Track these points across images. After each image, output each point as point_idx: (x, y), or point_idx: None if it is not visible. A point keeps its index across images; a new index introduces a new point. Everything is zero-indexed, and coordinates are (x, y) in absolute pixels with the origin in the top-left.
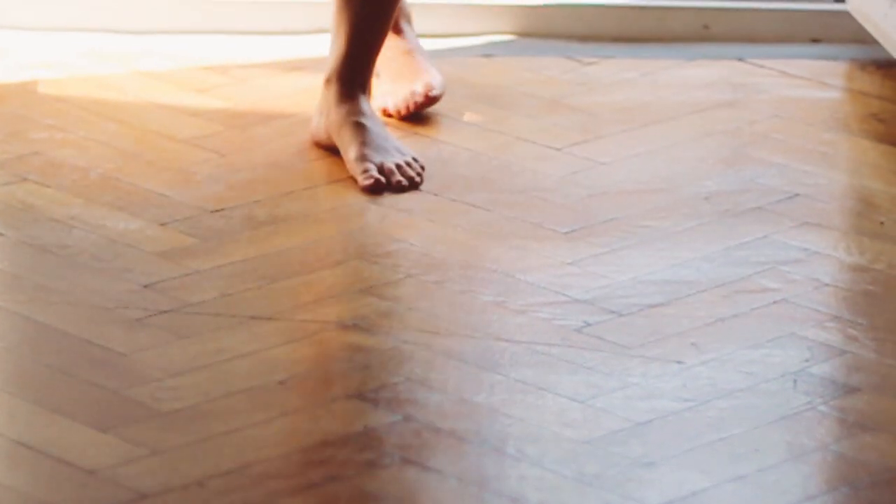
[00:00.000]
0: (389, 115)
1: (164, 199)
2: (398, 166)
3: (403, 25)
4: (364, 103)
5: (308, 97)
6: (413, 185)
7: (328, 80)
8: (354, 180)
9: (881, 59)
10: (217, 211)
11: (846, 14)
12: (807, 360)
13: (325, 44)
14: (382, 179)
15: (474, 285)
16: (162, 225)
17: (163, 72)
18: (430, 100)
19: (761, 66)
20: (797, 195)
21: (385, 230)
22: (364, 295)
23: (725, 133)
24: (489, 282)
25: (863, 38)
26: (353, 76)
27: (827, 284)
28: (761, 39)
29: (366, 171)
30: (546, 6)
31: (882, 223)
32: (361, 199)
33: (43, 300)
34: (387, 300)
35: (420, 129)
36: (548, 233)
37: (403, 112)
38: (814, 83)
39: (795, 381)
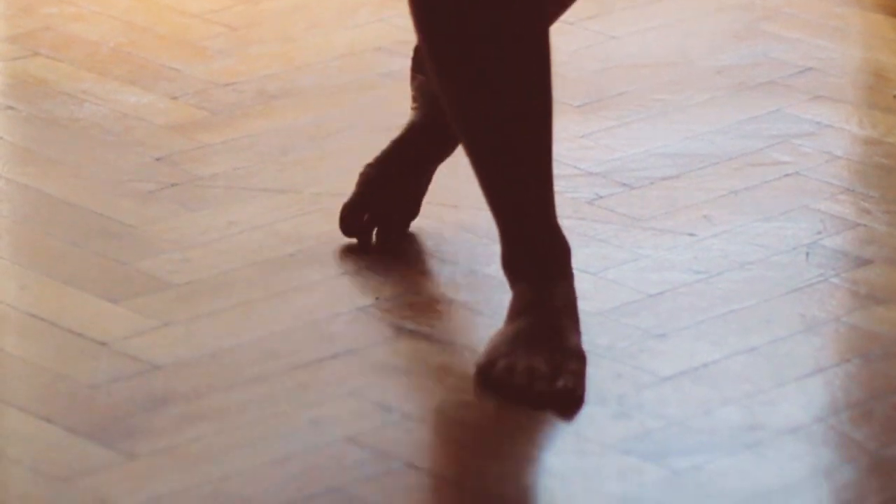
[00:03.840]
0: None
1: (175, 72)
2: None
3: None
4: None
5: None
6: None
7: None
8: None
9: None
10: (229, 85)
11: None
12: (819, 233)
13: None
14: None
15: None
16: (173, 99)
17: None
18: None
19: None
20: (810, 69)
21: (398, 105)
22: None
23: (738, 7)
24: None
25: None
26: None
27: (839, 157)
28: None
29: None
30: None
31: (894, 96)
32: (374, 74)
33: (54, 173)
34: None
35: None
36: (560, 106)
37: None
38: None
39: (808, 253)
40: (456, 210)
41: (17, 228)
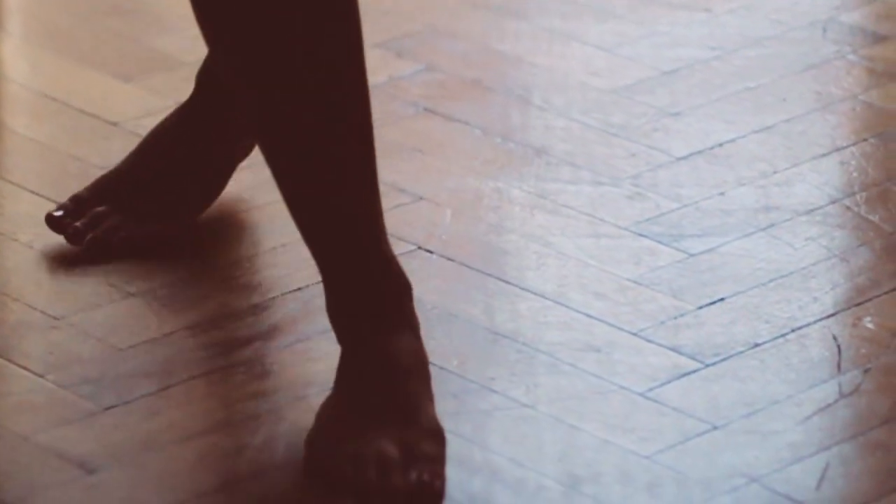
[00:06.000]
0: None
1: None
2: None
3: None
4: None
5: None
6: None
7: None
8: None
9: None
10: None
11: None
12: (836, 8)
13: None
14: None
15: None
16: None
17: None
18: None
19: None
20: None
21: None
22: None
23: None
24: None
25: None
26: None
27: None
28: None
29: None
30: None
31: None
32: None
33: None
34: None
35: None
36: None
37: None
38: None
39: (824, 29)
40: None
41: (27, 6)
